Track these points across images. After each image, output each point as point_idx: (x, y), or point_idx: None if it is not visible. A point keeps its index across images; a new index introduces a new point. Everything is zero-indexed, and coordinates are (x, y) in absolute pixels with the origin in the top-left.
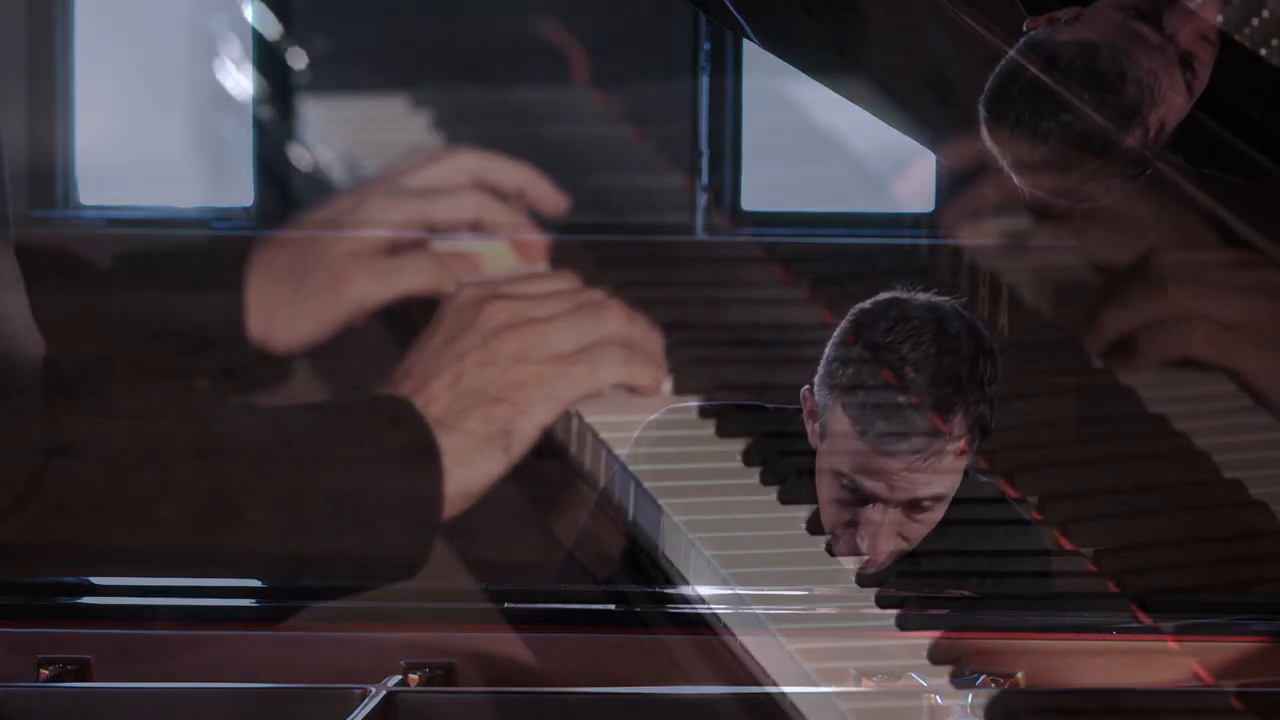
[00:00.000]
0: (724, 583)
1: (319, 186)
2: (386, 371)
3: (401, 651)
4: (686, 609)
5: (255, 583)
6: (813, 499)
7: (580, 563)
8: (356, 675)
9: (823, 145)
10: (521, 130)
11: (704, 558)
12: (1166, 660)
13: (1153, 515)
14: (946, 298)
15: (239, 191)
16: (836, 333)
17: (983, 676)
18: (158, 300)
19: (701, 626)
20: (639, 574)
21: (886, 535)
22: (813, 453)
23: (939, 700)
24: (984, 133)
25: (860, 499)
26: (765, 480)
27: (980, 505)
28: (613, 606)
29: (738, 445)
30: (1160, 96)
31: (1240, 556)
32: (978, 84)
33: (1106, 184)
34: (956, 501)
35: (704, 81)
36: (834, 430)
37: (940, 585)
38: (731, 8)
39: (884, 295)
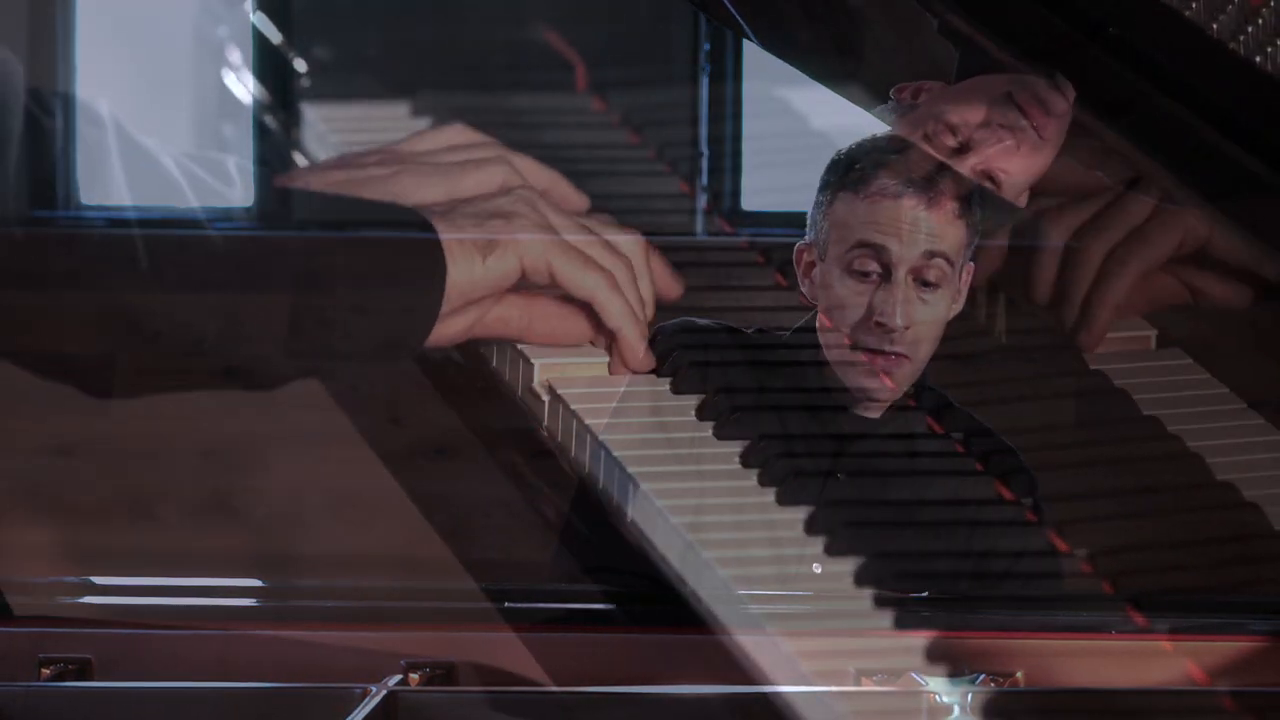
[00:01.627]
0: (723, 583)
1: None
2: (386, 374)
3: (401, 651)
4: (686, 609)
5: (255, 583)
6: (812, 500)
7: (576, 562)
8: (356, 675)
9: (823, 147)
10: (521, 135)
11: (702, 558)
12: (1162, 660)
13: (1147, 516)
14: None
15: (239, 192)
16: (823, 170)
17: (982, 676)
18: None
19: (701, 626)
20: (637, 574)
21: (903, 313)
22: (811, 454)
23: (938, 700)
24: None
25: (873, 279)
26: (763, 481)
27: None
28: (613, 606)
29: (735, 447)
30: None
31: (1235, 557)
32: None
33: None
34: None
35: (704, 83)
36: (838, 224)
37: (938, 584)
38: (731, 8)
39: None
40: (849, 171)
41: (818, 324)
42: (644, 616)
